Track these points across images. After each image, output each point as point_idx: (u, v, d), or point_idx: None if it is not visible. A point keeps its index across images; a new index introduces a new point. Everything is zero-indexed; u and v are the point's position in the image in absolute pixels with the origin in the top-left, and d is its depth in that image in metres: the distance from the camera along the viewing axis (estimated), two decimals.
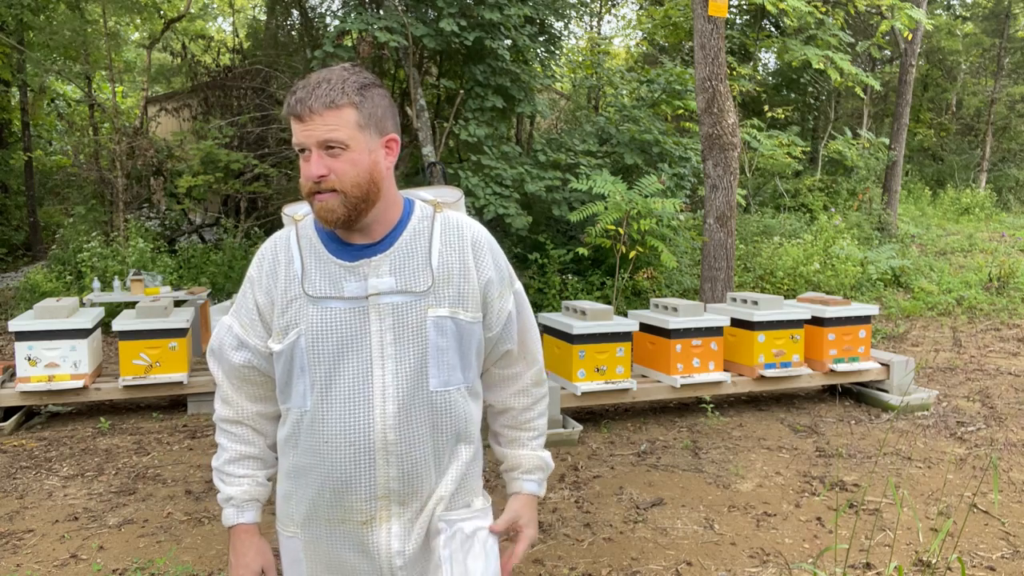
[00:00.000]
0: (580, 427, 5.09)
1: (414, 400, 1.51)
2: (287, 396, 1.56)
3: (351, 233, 1.54)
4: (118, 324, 5.27)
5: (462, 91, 8.67)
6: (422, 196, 1.64)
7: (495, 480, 4.22)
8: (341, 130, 1.43)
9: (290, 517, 1.61)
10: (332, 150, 1.44)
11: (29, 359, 5.10)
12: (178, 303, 6.99)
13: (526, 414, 1.74)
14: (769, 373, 5.54)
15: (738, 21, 14.87)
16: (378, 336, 1.50)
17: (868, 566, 3.33)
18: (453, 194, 1.67)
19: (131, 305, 7.31)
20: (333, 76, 1.46)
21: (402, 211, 1.57)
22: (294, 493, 1.58)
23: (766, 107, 16.12)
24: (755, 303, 5.61)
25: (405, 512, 1.53)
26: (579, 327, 5.07)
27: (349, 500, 1.51)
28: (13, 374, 5.43)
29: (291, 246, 1.56)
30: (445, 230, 1.58)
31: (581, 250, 8.05)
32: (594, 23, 19.77)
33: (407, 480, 1.52)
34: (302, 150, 1.46)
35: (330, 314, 1.49)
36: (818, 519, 3.84)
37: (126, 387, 5.29)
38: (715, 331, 5.45)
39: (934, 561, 3.37)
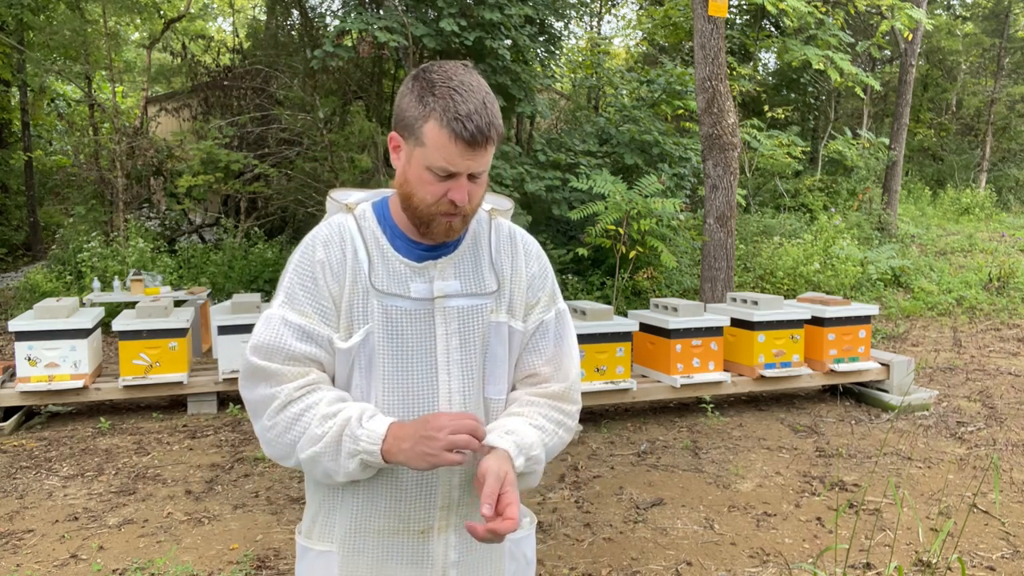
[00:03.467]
0: (580, 427, 5.08)
1: (477, 407, 1.47)
2: None
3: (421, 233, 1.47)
4: (118, 324, 5.27)
5: None
6: None
7: None
8: (488, 161, 1.39)
9: (329, 531, 1.48)
10: (475, 178, 1.38)
11: (29, 359, 5.10)
12: (178, 303, 6.99)
13: (536, 408, 1.50)
14: (769, 373, 5.54)
15: (738, 21, 14.86)
16: (444, 340, 1.44)
17: (868, 566, 3.32)
18: (506, 203, 1.62)
19: (131, 305, 7.30)
20: (487, 96, 1.35)
21: None
22: (338, 505, 1.47)
23: (766, 107, 16.11)
24: (755, 303, 5.61)
25: (463, 523, 1.47)
26: (579, 327, 5.07)
27: (407, 509, 1.44)
28: (13, 374, 5.43)
29: (354, 236, 1.46)
30: (499, 236, 1.54)
31: (581, 250, 8.05)
32: (594, 23, 19.78)
33: (468, 489, 1.46)
34: (447, 176, 1.35)
35: (396, 313, 1.43)
36: (818, 519, 3.84)
37: (126, 387, 5.29)
38: (715, 331, 5.45)
39: (934, 561, 3.36)
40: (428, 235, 1.43)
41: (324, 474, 1.40)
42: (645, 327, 5.59)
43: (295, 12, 12.38)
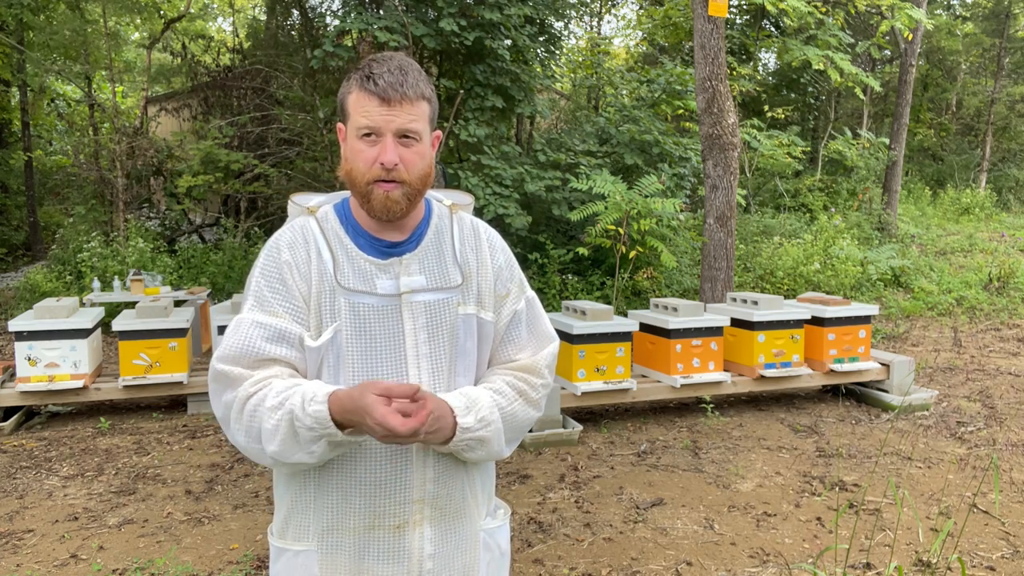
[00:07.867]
0: (580, 427, 5.09)
1: None
2: None
3: (384, 228, 1.49)
4: (118, 324, 5.27)
5: (462, 91, 8.67)
6: (437, 197, 1.62)
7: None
8: (420, 121, 1.42)
9: (304, 530, 1.49)
10: (407, 140, 1.41)
11: (29, 359, 5.10)
12: (178, 303, 6.99)
13: (503, 377, 1.54)
14: (769, 373, 5.54)
15: (738, 21, 14.86)
16: (412, 335, 1.47)
17: (868, 566, 3.33)
18: (466, 198, 1.65)
19: (131, 305, 7.31)
20: (409, 65, 1.42)
21: (424, 209, 1.56)
22: (312, 503, 1.48)
23: (766, 107, 16.11)
24: (755, 303, 5.61)
25: (438, 515, 1.49)
26: (579, 327, 5.07)
27: (382, 504, 1.46)
28: (13, 374, 5.43)
29: (317, 237, 1.48)
30: (462, 231, 1.57)
31: (581, 250, 8.05)
32: (594, 23, 19.77)
33: (443, 482, 1.49)
34: (368, 134, 1.40)
35: (364, 310, 1.45)
36: (818, 519, 3.84)
37: (126, 387, 5.29)
38: (715, 331, 5.45)
39: (934, 561, 3.37)
40: (371, 213, 1.44)
41: (299, 462, 1.38)
42: (645, 327, 5.59)
43: (295, 12, 12.37)
